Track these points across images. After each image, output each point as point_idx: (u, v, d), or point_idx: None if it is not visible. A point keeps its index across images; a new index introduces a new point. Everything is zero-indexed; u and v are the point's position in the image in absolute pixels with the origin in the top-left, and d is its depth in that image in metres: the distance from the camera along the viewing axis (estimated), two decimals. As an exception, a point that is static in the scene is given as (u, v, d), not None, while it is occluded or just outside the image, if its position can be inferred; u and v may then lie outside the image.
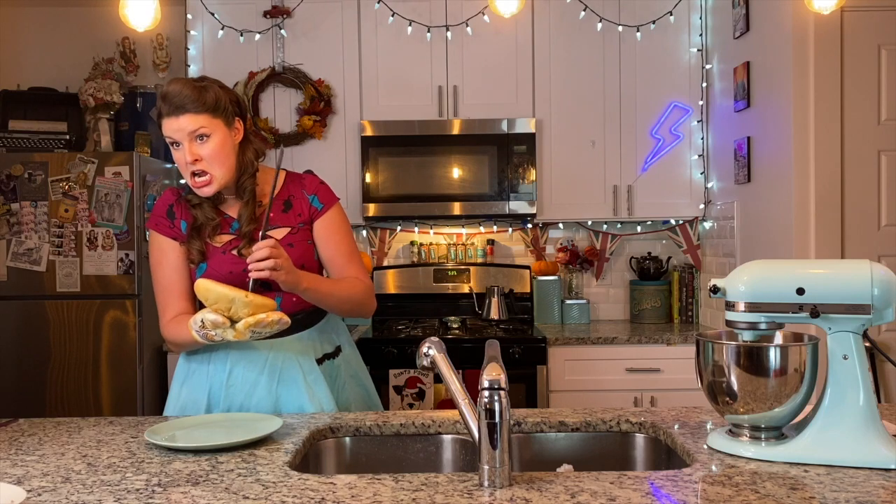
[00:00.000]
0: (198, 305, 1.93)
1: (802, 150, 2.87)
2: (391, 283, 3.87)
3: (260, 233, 1.71)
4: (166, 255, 1.88)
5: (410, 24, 3.66)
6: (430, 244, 3.97)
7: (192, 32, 3.68)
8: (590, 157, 3.70)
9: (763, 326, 1.41)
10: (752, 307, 1.40)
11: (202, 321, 1.61)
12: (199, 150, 1.74)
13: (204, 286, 1.61)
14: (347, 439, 1.66)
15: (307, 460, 1.55)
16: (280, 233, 1.85)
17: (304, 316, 1.88)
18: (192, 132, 1.73)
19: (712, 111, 3.68)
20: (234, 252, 1.82)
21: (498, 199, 3.60)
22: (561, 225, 3.98)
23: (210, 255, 1.83)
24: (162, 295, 1.89)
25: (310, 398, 1.83)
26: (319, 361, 1.88)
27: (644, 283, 3.82)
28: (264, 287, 1.82)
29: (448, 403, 3.11)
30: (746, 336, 1.43)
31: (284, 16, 3.66)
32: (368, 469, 1.63)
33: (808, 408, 1.41)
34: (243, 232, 1.83)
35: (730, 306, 1.43)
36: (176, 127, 1.73)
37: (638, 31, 3.68)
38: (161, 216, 1.89)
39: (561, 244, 3.98)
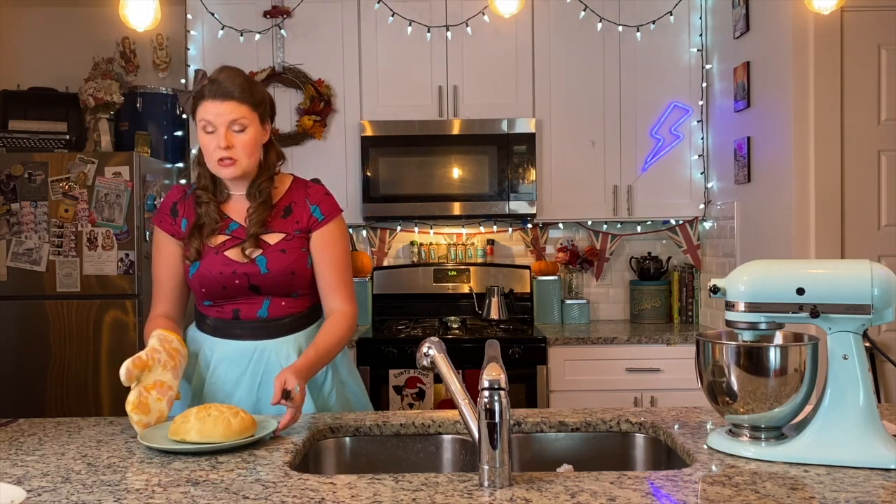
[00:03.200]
0: (187, 304, 1.97)
1: (802, 150, 2.87)
2: (391, 283, 3.87)
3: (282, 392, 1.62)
4: (161, 251, 1.91)
5: (410, 24, 3.66)
6: (430, 244, 3.97)
7: (192, 32, 3.68)
8: (590, 157, 3.70)
9: (763, 326, 1.41)
10: (752, 307, 1.40)
11: (139, 357, 1.64)
12: (234, 139, 1.78)
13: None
14: (347, 439, 1.66)
15: (307, 460, 1.55)
16: (274, 237, 1.86)
17: (291, 320, 1.89)
18: (232, 120, 1.77)
19: (712, 111, 3.68)
20: (227, 253, 1.84)
21: (498, 199, 3.60)
22: (561, 225, 3.98)
23: (204, 253, 1.84)
24: (154, 289, 1.94)
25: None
26: None
27: (644, 283, 3.82)
28: (252, 290, 1.84)
29: (448, 403, 3.11)
30: (746, 336, 1.43)
31: (284, 16, 3.66)
32: (368, 469, 1.63)
33: (808, 408, 1.41)
34: (250, 234, 1.83)
35: (730, 306, 1.43)
36: (217, 111, 1.76)
37: (638, 31, 3.68)
38: (165, 213, 1.91)
39: (561, 244, 3.98)
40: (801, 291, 1.36)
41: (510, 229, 4.00)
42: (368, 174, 3.59)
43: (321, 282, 1.91)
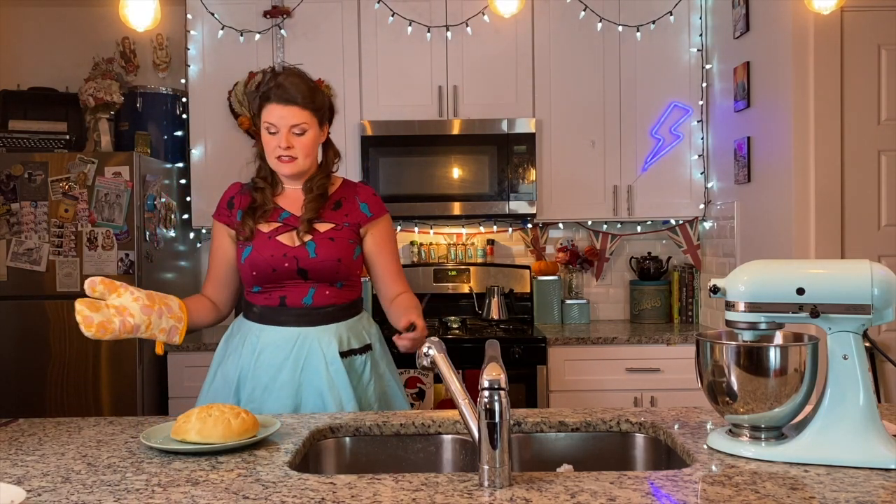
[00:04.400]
0: (233, 293, 2.09)
1: (802, 150, 2.87)
2: (391, 283, 3.87)
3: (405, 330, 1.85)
4: (216, 240, 2.06)
5: (410, 24, 3.66)
6: (430, 244, 3.97)
7: (192, 32, 3.68)
8: (590, 157, 3.70)
9: (763, 326, 1.41)
10: (752, 307, 1.40)
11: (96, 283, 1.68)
12: (294, 141, 1.93)
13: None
14: (347, 439, 1.66)
15: (307, 460, 1.55)
16: (324, 226, 1.98)
17: (334, 310, 1.99)
18: (293, 124, 1.92)
19: (712, 111, 3.68)
20: (279, 238, 1.96)
21: (498, 199, 3.60)
22: (561, 225, 3.98)
23: (256, 237, 1.96)
24: (207, 274, 2.09)
25: (329, 388, 1.91)
26: (344, 355, 1.96)
27: (644, 283, 3.82)
28: (300, 275, 1.94)
29: (448, 403, 3.11)
30: (746, 336, 1.43)
31: (284, 16, 3.66)
32: (368, 469, 1.63)
33: (808, 408, 1.41)
34: (305, 218, 1.96)
35: (730, 306, 1.43)
36: (281, 115, 1.91)
37: (638, 31, 3.68)
38: (223, 207, 2.06)
39: (561, 244, 3.98)
40: (801, 291, 1.36)
41: (510, 229, 4.00)
42: (368, 174, 3.59)
43: (383, 272, 2.08)
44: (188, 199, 3.70)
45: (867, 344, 1.37)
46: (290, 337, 1.94)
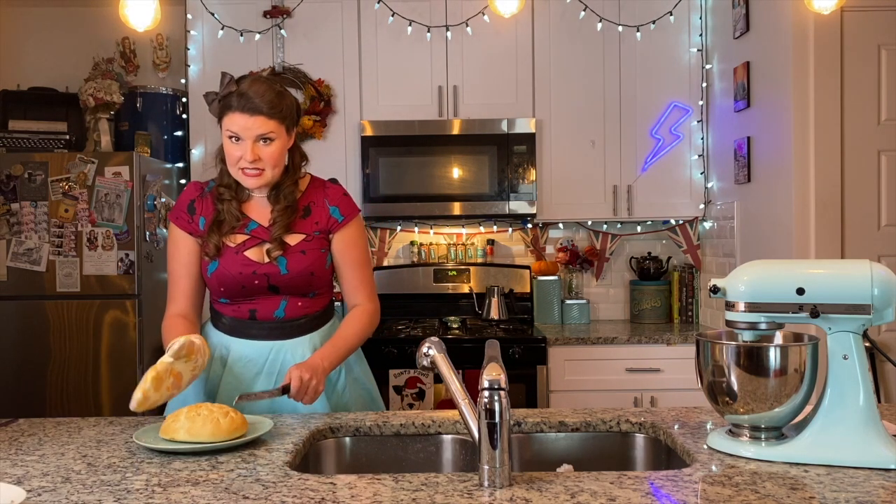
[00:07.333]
0: (200, 304, 1.96)
1: (802, 150, 2.87)
2: (391, 283, 3.87)
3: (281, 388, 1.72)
4: (179, 248, 1.91)
5: (410, 24, 3.66)
6: (430, 244, 3.97)
7: (192, 32, 3.68)
8: (590, 157, 3.70)
9: (763, 326, 1.41)
10: (752, 307, 1.40)
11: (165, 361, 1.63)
12: (261, 151, 1.79)
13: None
14: (347, 439, 1.66)
15: (307, 460, 1.55)
16: (294, 238, 1.87)
17: (306, 321, 1.91)
18: (259, 135, 1.77)
19: (712, 111, 3.68)
20: (247, 253, 1.85)
21: (498, 199, 3.60)
22: (561, 225, 3.98)
23: (223, 252, 1.85)
24: (170, 287, 1.93)
25: None
26: None
27: (644, 283, 3.82)
28: (271, 290, 1.85)
29: (448, 403, 3.11)
30: (746, 336, 1.43)
31: (284, 16, 3.66)
32: (368, 469, 1.63)
33: (808, 408, 1.41)
34: (275, 236, 1.85)
35: (730, 306, 1.43)
36: (245, 125, 1.76)
37: (638, 31, 3.68)
38: (182, 210, 1.91)
39: (561, 244, 3.98)
40: (801, 291, 1.36)
41: (510, 229, 4.00)
42: (368, 174, 3.59)
43: (343, 281, 1.96)
44: (188, 199, 3.70)
45: (867, 344, 1.37)
46: (263, 351, 1.86)
